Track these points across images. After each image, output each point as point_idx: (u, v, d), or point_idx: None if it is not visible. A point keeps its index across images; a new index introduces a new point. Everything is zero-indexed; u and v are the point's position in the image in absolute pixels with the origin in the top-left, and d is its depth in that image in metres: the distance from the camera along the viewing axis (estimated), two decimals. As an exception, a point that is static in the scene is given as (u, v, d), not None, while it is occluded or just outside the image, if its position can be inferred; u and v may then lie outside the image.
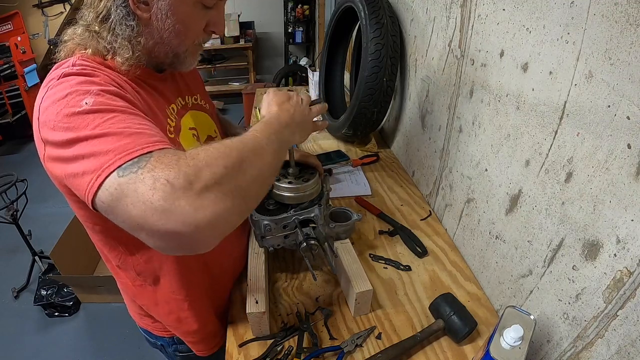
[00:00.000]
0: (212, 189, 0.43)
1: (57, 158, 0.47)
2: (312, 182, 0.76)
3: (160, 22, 0.57)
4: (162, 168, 0.42)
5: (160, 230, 0.41)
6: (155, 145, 0.44)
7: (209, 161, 0.44)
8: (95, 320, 2.00)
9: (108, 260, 0.69)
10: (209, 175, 0.43)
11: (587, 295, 0.53)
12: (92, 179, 0.43)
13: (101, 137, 0.44)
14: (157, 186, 0.41)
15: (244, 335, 0.72)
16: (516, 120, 0.68)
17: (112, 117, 0.46)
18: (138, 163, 0.42)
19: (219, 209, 0.44)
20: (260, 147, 0.52)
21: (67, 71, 0.50)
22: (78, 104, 0.46)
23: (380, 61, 1.13)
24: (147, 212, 0.41)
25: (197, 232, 0.42)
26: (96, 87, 0.48)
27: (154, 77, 0.65)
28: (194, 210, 0.41)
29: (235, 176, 0.46)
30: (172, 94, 0.70)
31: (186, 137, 0.68)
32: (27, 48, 3.81)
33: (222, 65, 4.93)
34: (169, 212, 0.41)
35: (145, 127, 0.48)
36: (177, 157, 0.43)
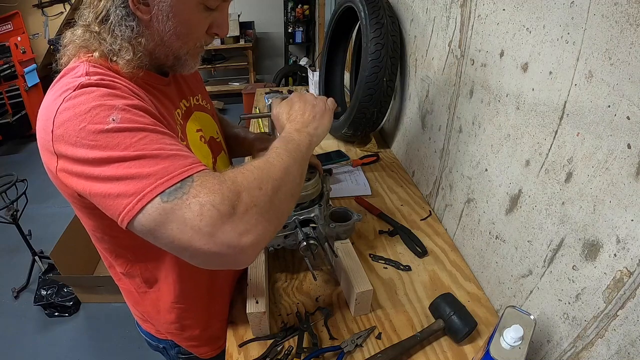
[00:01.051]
0: (252, 212, 0.45)
1: (79, 174, 0.45)
2: (313, 181, 0.76)
3: (161, 23, 0.55)
4: (207, 193, 0.43)
5: (206, 252, 0.44)
6: (192, 168, 0.45)
7: (246, 185, 0.46)
8: (95, 320, 2.00)
9: (112, 267, 0.68)
10: (248, 199, 0.45)
11: (587, 295, 0.53)
12: (132, 202, 0.43)
13: (137, 160, 0.44)
14: (204, 212, 0.42)
15: (244, 335, 0.72)
16: (516, 120, 0.68)
17: (143, 137, 0.45)
18: (182, 188, 0.43)
19: (259, 230, 0.46)
20: (287, 166, 0.53)
21: (84, 82, 0.47)
22: (104, 121, 0.44)
23: (380, 61, 1.13)
24: (194, 237, 0.43)
25: (241, 253, 0.45)
26: (121, 102, 0.47)
27: (160, 81, 0.64)
28: (238, 235, 0.44)
29: (270, 197, 0.48)
30: (177, 97, 0.69)
31: (194, 141, 0.67)
32: (27, 48, 3.81)
33: (222, 65, 4.93)
34: (216, 236, 0.43)
35: (177, 147, 0.48)
36: (219, 182, 0.45)
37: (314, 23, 4.85)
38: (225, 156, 0.81)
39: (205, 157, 0.70)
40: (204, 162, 0.67)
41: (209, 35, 0.61)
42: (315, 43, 4.95)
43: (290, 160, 0.55)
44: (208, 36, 0.61)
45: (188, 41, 0.59)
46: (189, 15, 0.56)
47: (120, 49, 0.54)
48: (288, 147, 0.57)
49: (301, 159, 0.58)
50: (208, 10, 0.58)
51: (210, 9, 0.57)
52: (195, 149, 0.66)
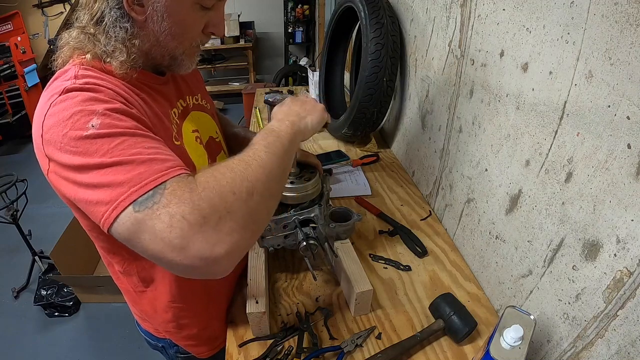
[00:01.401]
0: (225, 220, 0.43)
1: (66, 179, 0.46)
2: (313, 181, 0.76)
3: (156, 24, 0.54)
4: (177, 203, 0.42)
5: (179, 264, 0.43)
6: (167, 173, 0.44)
7: (219, 190, 0.44)
8: (95, 320, 2.00)
9: (110, 265, 0.68)
10: (221, 206, 0.43)
11: (587, 295, 0.53)
12: (108, 210, 0.43)
13: (113, 167, 0.44)
14: (173, 223, 0.41)
15: (244, 335, 0.72)
16: (516, 120, 0.68)
17: (121, 142, 0.45)
18: (153, 197, 0.42)
19: (234, 239, 0.44)
20: (264, 164, 0.50)
21: (69, 86, 0.48)
22: (84, 127, 0.44)
23: (380, 61, 1.13)
24: (165, 249, 0.42)
25: (215, 265, 0.44)
26: (101, 107, 0.46)
27: (156, 80, 0.64)
28: (211, 246, 0.42)
29: (245, 201, 0.46)
30: (174, 96, 0.69)
31: (189, 141, 0.67)
32: (27, 48, 3.81)
33: (222, 65, 4.93)
34: (187, 249, 0.41)
35: (157, 150, 0.47)
36: (190, 188, 0.43)
37: (314, 23, 4.85)
38: (225, 156, 0.81)
39: (201, 157, 0.70)
40: (199, 163, 0.67)
41: (205, 34, 0.61)
42: (315, 43, 4.95)
43: (269, 156, 0.51)
44: (204, 35, 0.61)
45: (184, 41, 0.58)
46: (185, 16, 0.55)
47: (114, 50, 0.54)
48: (267, 140, 0.54)
49: (282, 152, 0.54)
50: (204, 10, 0.57)
51: (205, 8, 0.57)
52: (190, 150, 0.66)
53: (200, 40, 0.61)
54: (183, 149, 0.64)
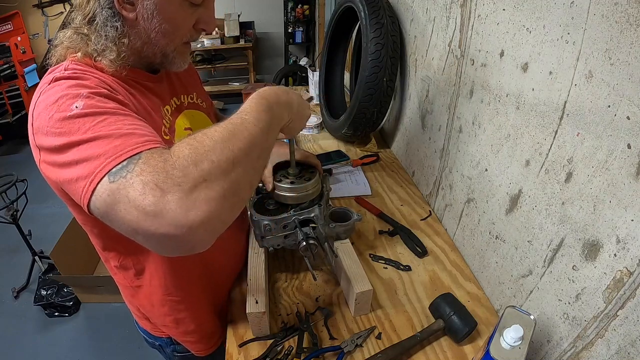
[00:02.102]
0: (201, 188, 0.42)
1: (52, 163, 0.47)
2: (313, 181, 0.76)
3: (147, 22, 0.55)
4: (150, 171, 0.41)
5: (154, 234, 0.41)
6: (144, 145, 0.44)
7: (195, 158, 0.43)
8: (95, 320, 2.00)
9: (107, 261, 0.69)
10: (197, 174, 0.42)
11: (587, 295, 0.53)
12: (86, 185, 0.43)
13: (92, 141, 0.44)
14: (146, 191, 0.40)
15: (244, 335, 0.72)
16: (516, 120, 0.68)
17: (103, 120, 0.45)
18: (127, 167, 0.42)
19: (211, 207, 0.43)
20: (248, 132, 0.48)
21: (57, 75, 0.50)
22: (68, 108, 0.46)
23: (380, 61, 1.13)
24: (139, 217, 0.41)
25: (191, 233, 0.42)
26: (86, 90, 0.48)
27: (148, 78, 0.65)
28: (184, 212, 0.41)
29: (224, 170, 0.44)
30: (167, 94, 0.69)
31: (181, 138, 0.67)
32: (27, 48, 3.81)
33: (222, 65, 4.93)
34: (161, 216, 0.40)
35: (136, 126, 0.47)
36: (163, 158, 0.43)
37: (314, 23, 4.85)
38: None
39: None
40: None
41: (196, 31, 0.61)
42: (315, 43, 4.95)
43: (257, 130, 0.49)
44: (195, 32, 0.61)
45: (174, 38, 0.59)
46: (174, 13, 0.56)
47: (104, 49, 0.55)
48: (252, 106, 0.52)
49: (268, 128, 0.52)
50: (193, 7, 0.58)
51: (195, 4, 0.58)
52: None
53: (190, 36, 0.61)
54: (173, 143, 0.64)
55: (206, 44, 4.64)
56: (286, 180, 0.75)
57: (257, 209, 0.75)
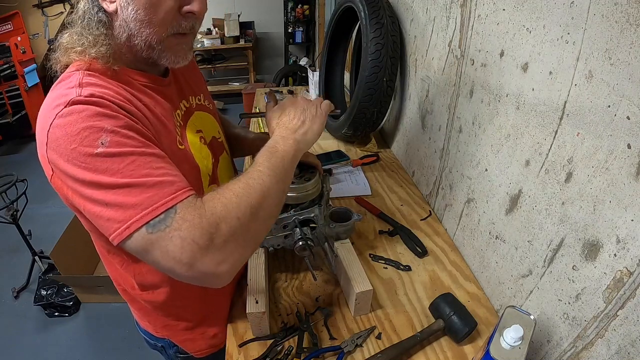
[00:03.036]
0: (229, 241, 0.49)
1: (73, 190, 0.48)
2: (313, 181, 0.76)
3: (125, 11, 0.54)
4: (187, 228, 0.46)
5: (185, 276, 0.48)
6: (176, 197, 0.48)
7: (225, 215, 0.49)
8: (95, 320, 2.00)
9: (110, 264, 0.68)
10: (226, 230, 0.48)
11: (587, 295, 0.53)
12: (120, 228, 0.46)
13: (125, 188, 0.46)
14: (184, 246, 0.46)
15: (244, 335, 0.72)
16: (516, 120, 0.68)
17: (132, 162, 0.47)
18: (165, 221, 0.46)
19: (236, 257, 0.50)
20: (267, 189, 0.54)
21: (75, 98, 0.48)
22: (94, 144, 0.46)
23: (380, 61, 1.13)
24: (175, 266, 0.47)
25: (218, 278, 0.50)
26: (110, 124, 0.48)
27: (159, 82, 0.64)
28: (216, 265, 0.48)
29: (247, 224, 0.51)
30: (177, 98, 0.68)
31: (194, 142, 0.67)
32: (27, 48, 3.81)
33: (222, 65, 4.93)
34: (195, 267, 0.47)
35: (165, 170, 0.49)
36: (199, 215, 0.47)
37: (314, 23, 4.85)
38: (227, 156, 0.81)
39: (206, 158, 0.70)
40: (203, 164, 0.67)
41: (183, 16, 0.57)
42: (315, 43, 4.95)
43: (272, 179, 0.55)
44: (182, 18, 0.57)
45: (155, 26, 0.55)
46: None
47: (94, 44, 0.54)
48: (271, 162, 0.58)
49: (284, 175, 0.59)
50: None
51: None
52: (195, 151, 0.66)
53: (177, 24, 0.57)
54: (187, 152, 0.64)
55: (206, 44, 4.65)
56: (287, 181, 0.75)
57: None
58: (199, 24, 0.61)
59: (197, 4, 0.56)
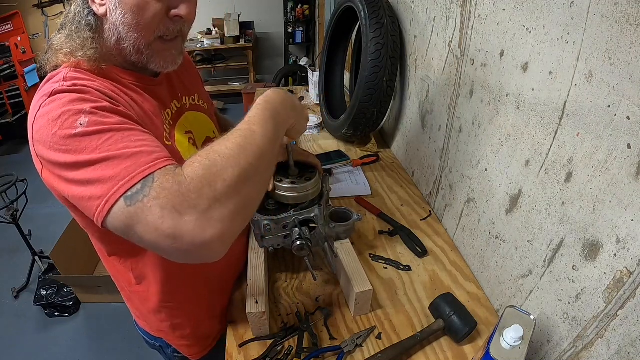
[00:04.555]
0: (215, 207, 0.44)
1: (59, 177, 0.48)
2: (313, 181, 0.76)
3: (113, 14, 0.54)
4: (166, 195, 0.43)
5: (173, 251, 0.45)
6: (155, 165, 0.45)
7: (208, 178, 0.45)
8: (95, 320, 2.00)
9: (107, 262, 0.69)
10: (210, 194, 0.44)
11: (587, 295, 0.53)
12: (100, 205, 0.45)
13: (102, 162, 0.45)
14: (164, 214, 0.43)
15: (244, 335, 0.72)
16: (516, 120, 0.68)
17: (109, 138, 0.46)
18: (142, 190, 0.44)
19: (225, 224, 0.45)
20: (257, 145, 0.50)
21: (57, 88, 0.49)
22: (73, 126, 0.46)
23: (380, 61, 1.13)
24: (159, 239, 0.44)
25: (207, 249, 0.45)
26: (88, 105, 0.47)
27: (149, 81, 0.64)
28: (201, 232, 0.44)
29: (236, 187, 0.46)
30: (168, 97, 0.68)
31: (182, 143, 0.67)
32: (27, 48, 3.82)
33: (222, 65, 4.93)
34: (179, 237, 0.43)
35: (143, 142, 0.48)
36: (178, 181, 0.44)
37: (314, 23, 4.85)
38: None
39: None
40: None
41: (170, 20, 0.56)
42: (315, 43, 4.95)
43: (264, 140, 0.51)
44: (170, 21, 0.56)
45: (142, 30, 0.55)
46: (135, 1, 0.53)
47: (82, 47, 0.55)
48: (257, 114, 0.54)
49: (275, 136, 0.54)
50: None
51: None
52: (183, 151, 0.66)
53: (165, 29, 0.57)
54: (174, 149, 0.64)
55: (206, 44, 4.65)
56: (286, 180, 0.75)
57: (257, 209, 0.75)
58: (187, 28, 0.61)
59: (184, 8, 0.56)
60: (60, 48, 0.56)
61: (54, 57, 0.56)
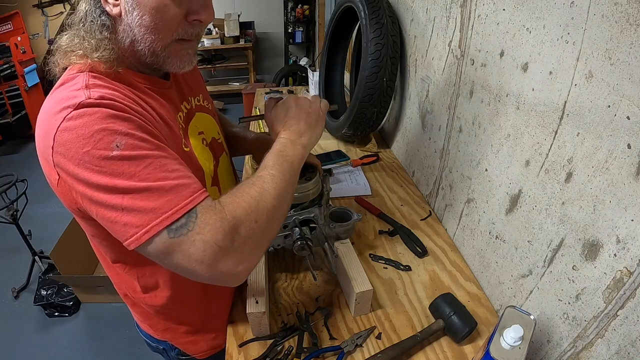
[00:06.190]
0: (248, 244, 0.51)
1: (85, 195, 0.47)
2: (313, 181, 0.76)
3: (129, 16, 0.52)
4: (209, 231, 0.47)
5: (203, 277, 0.50)
6: (194, 200, 0.48)
7: (244, 218, 0.50)
8: (95, 320, 2.00)
9: (110, 268, 0.68)
10: (245, 233, 0.50)
11: (587, 295, 0.53)
12: (138, 233, 0.46)
13: (142, 192, 0.46)
14: (207, 249, 0.47)
15: (244, 335, 0.72)
16: (516, 120, 0.68)
17: (148, 165, 0.47)
18: (187, 225, 0.47)
19: (254, 257, 0.53)
20: (280, 192, 0.56)
21: (85, 101, 0.46)
22: (109, 147, 0.45)
23: (380, 61, 1.13)
24: (196, 267, 0.48)
25: (235, 278, 0.52)
26: (124, 127, 0.47)
27: (161, 84, 0.63)
28: (235, 265, 0.50)
29: (264, 227, 0.53)
30: (178, 100, 0.68)
31: (196, 145, 0.67)
32: (27, 48, 3.81)
33: (222, 65, 4.93)
34: (216, 267, 0.49)
35: (179, 173, 0.49)
36: (220, 218, 0.48)
37: (314, 23, 4.85)
38: (227, 157, 0.81)
39: (207, 160, 0.69)
40: (206, 166, 0.68)
41: (189, 23, 0.55)
42: (315, 43, 4.95)
43: (284, 183, 0.57)
44: (188, 25, 0.56)
45: (159, 33, 0.54)
46: (154, 4, 0.51)
47: (97, 49, 0.53)
48: (282, 166, 0.59)
49: (293, 178, 0.61)
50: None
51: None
52: (198, 154, 0.66)
53: (183, 31, 0.56)
54: (192, 154, 0.64)
55: (206, 44, 4.65)
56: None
57: None
58: (204, 31, 0.61)
59: (204, 13, 0.56)
60: (71, 49, 0.53)
61: (65, 59, 0.54)
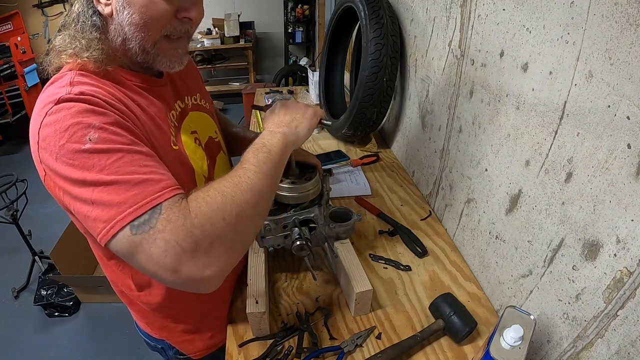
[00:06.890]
0: (215, 245, 0.46)
1: (63, 189, 0.47)
2: (313, 181, 0.76)
3: (120, 14, 0.53)
4: (172, 229, 0.44)
5: (170, 282, 0.46)
6: (162, 195, 0.46)
7: (210, 216, 0.46)
8: (95, 320, 2.00)
9: (106, 266, 0.68)
10: (212, 232, 0.46)
11: (587, 295, 0.53)
12: (105, 228, 0.45)
13: (110, 185, 0.45)
14: (168, 249, 0.44)
15: (244, 335, 0.72)
16: (516, 120, 0.68)
17: (118, 159, 0.46)
18: (149, 221, 0.44)
19: (223, 261, 0.48)
20: (254, 186, 0.52)
21: (64, 95, 0.47)
22: (81, 140, 0.45)
23: (380, 61, 1.13)
24: (159, 270, 0.45)
25: (203, 284, 0.47)
26: (98, 120, 0.47)
27: (154, 82, 0.63)
28: (201, 269, 0.46)
29: (235, 226, 0.48)
30: (172, 98, 0.68)
31: (188, 144, 0.67)
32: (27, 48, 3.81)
33: (222, 65, 4.93)
34: (180, 271, 0.45)
35: (151, 168, 0.48)
36: (183, 216, 0.45)
37: (314, 23, 4.85)
38: (225, 156, 0.81)
39: (201, 159, 0.69)
40: (198, 165, 0.67)
41: (179, 20, 0.56)
42: (315, 43, 4.95)
43: (258, 176, 0.53)
44: (178, 22, 0.56)
45: (149, 30, 0.54)
46: (143, 1, 0.52)
47: (88, 48, 0.54)
48: (258, 157, 0.56)
49: (272, 170, 0.56)
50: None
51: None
52: (189, 152, 0.66)
53: (172, 28, 0.56)
54: (181, 152, 0.64)
55: (206, 44, 4.65)
56: (286, 180, 0.75)
57: None
58: (194, 29, 0.61)
59: (194, 11, 0.56)
60: (63, 49, 0.54)
61: (57, 58, 0.55)
